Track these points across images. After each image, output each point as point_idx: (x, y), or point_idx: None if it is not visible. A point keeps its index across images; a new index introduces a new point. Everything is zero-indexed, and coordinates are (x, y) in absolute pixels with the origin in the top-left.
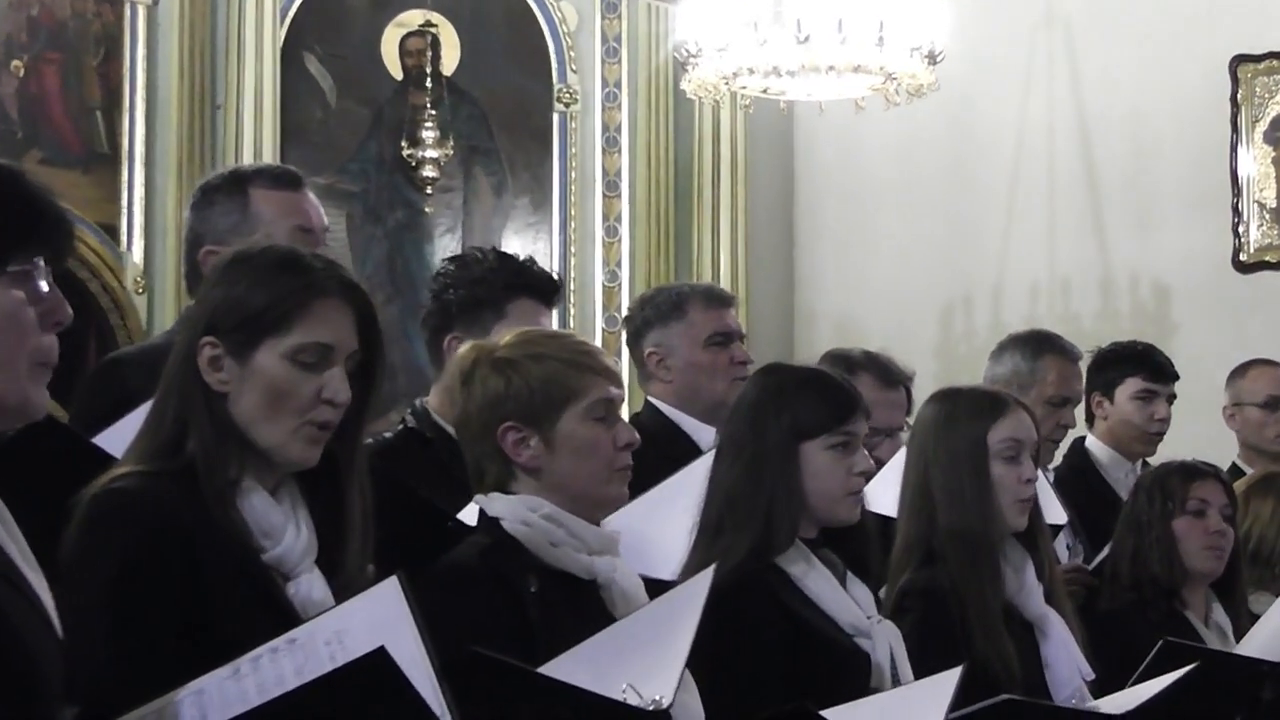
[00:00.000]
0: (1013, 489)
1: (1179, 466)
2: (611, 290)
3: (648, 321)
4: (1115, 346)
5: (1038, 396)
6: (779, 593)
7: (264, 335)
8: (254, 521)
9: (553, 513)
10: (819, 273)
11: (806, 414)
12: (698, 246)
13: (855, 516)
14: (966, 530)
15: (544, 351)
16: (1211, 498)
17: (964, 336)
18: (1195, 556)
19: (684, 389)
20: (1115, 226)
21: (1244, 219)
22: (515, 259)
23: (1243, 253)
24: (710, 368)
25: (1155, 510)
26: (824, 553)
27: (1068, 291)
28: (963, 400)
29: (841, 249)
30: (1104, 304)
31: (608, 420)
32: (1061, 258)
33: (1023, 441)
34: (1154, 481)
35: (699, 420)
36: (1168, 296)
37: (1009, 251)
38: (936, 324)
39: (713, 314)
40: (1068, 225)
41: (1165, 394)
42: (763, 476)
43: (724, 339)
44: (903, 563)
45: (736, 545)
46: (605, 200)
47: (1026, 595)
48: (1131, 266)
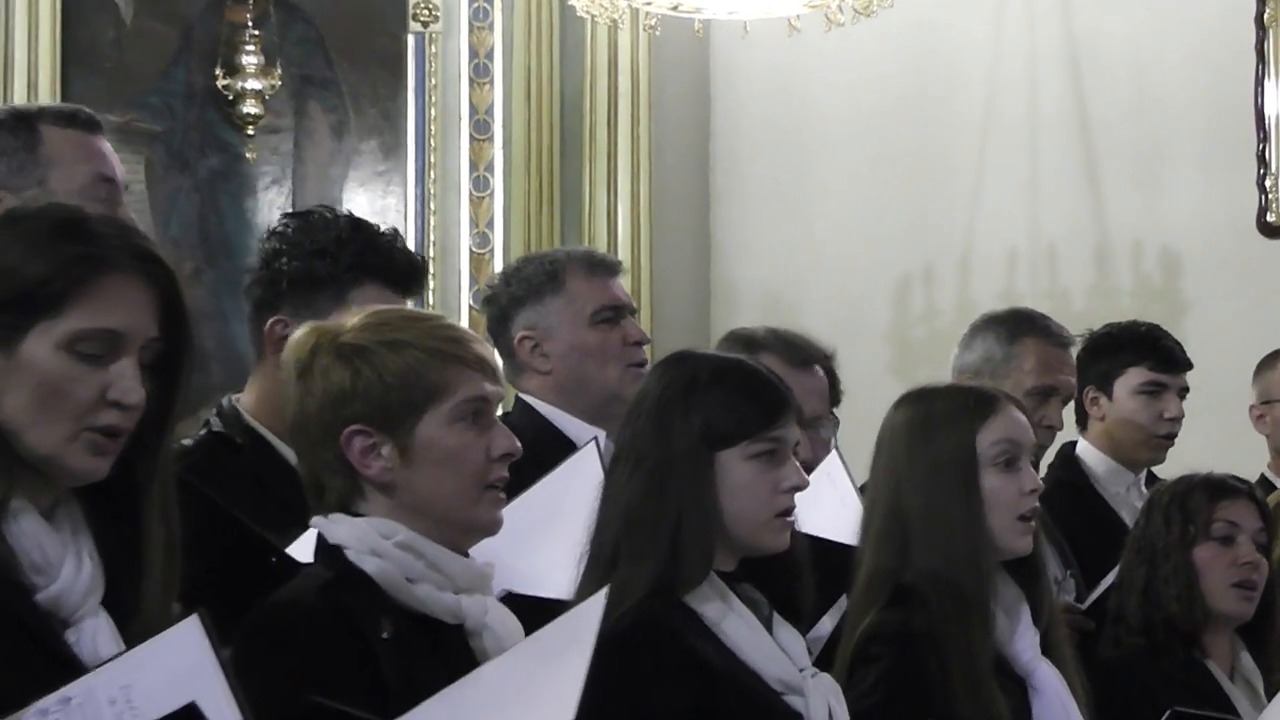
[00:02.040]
0: (1012, 503)
1: (1203, 481)
2: (481, 258)
3: (516, 299)
4: (1113, 329)
5: (1014, 388)
6: (688, 638)
7: (34, 318)
8: (24, 552)
9: (410, 540)
10: (742, 237)
11: (723, 415)
12: (589, 204)
13: (783, 543)
14: (951, 561)
15: (402, 337)
16: (1242, 520)
17: (924, 317)
18: (1220, 595)
19: (566, 380)
20: (1113, 180)
21: (1272, 170)
22: (373, 231)
23: (1270, 212)
24: (599, 351)
25: (1172, 535)
26: (745, 589)
27: (1054, 261)
28: (940, 400)
29: (770, 208)
30: (1099, 277)
31: (480, 424)
32: (1046, 219)
33: (1020, 443)
34: (1171, 499)
35: (585, 421)
36: (1178, 267)
37: (980, 212)
38: (890, 302)
39: (596, 284)
40: (1053, 179)
41: (1176, 387)
42: (668, 493)
43: (613, 314)
44: (866, 602)
45: (634, 579)
46: (473, 144)
47: (1021, 645)
48: (1133, 230)
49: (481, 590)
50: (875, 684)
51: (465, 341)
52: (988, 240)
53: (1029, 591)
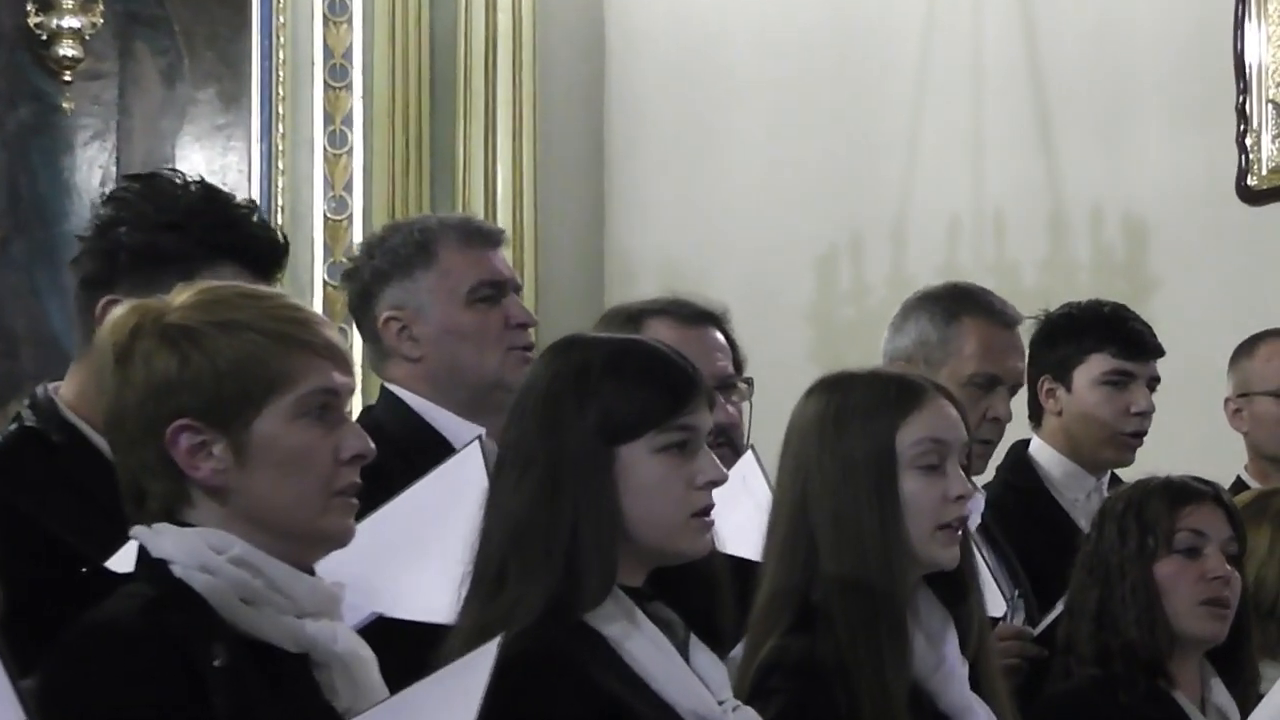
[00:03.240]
0: (933, 511)
1: (1162, 486)
2: (337, 226)
3: (380, 273)
4: (1071, 310)
5: (952, 375)
6: (589, 666)
7: None
8: None
9: (246, 555)
10: (642, 203)
11: (622, 404)
12: (465, 164)
13: (703, 547)
14: (862, 577)
15: (237, 318)
16: (1209, 528)
17: (851, 295)
18: (1187, 615)
19: (438, 368)
20: (1071, 139)
21: (1253, 126)
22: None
23: (1251, 175)
24: (476, 334)
25: (1129, 549)
26: (656, 608)
27: (1002, 231)
28: (858, 390)
29: (675, 170)
30: (1054, 249)
31: (327, 421)
32: (993, 183)
33: (947, 443)
34: (1126, 508)
35: (462, 415)
36: (1145, 237)
37: (916, 174)
38: (812, 277)
39: (474, 257)
40: (1002, 137)
41: (1144, 377)
42: (561, 499)
43: (493, 291)
44: (768, 624)
45: (526, 599)
46: (328, 94)
47: (945, 677)
48: (1094, 195)
49: (330, 614)
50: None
51: (312, 324)
52: (925, 207)
53: (956, 613)
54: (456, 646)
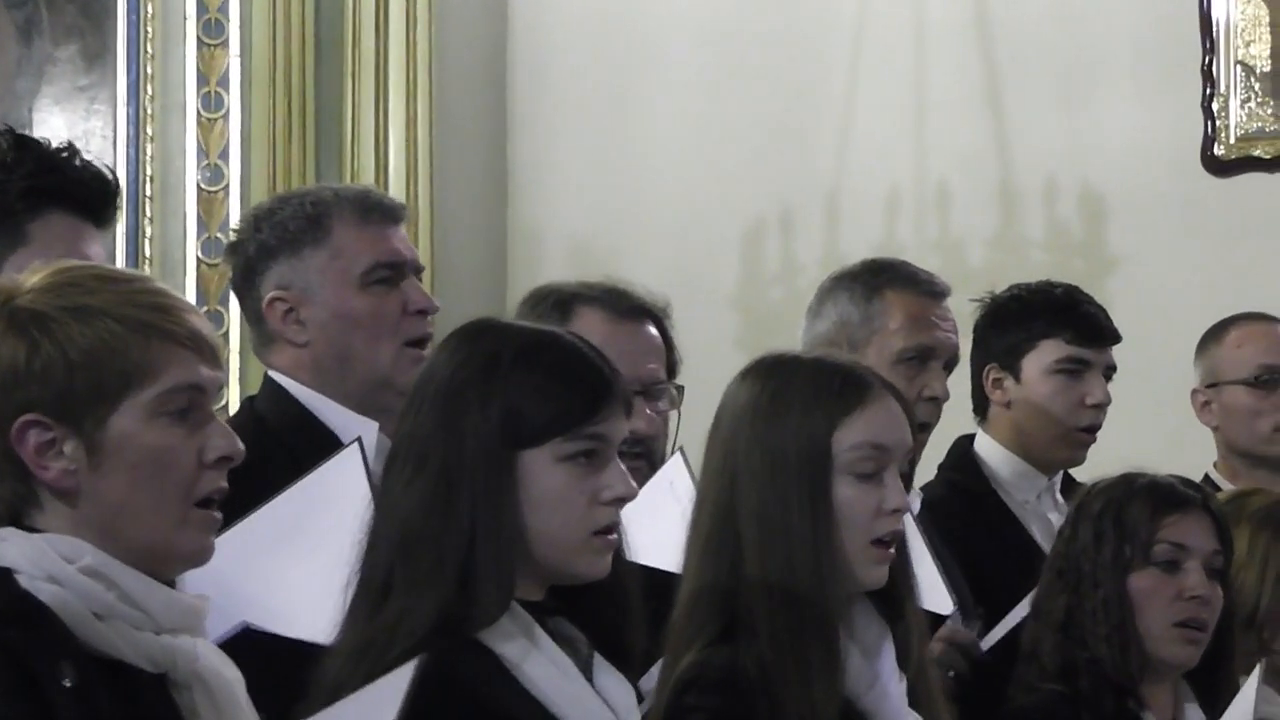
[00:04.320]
0: (866, 524)
1: (1147, 488)
2: (213, 197)
3: (266, 249)
4: (1021, 292)
5: (880, 354)
6: (482, 687)
7: None
8: None
9: (100, 565)
10: (549, 175)
11: (529, 405)
12: (354, 130)
13: (601, 570)
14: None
15: (94, 303)
16: (1192, 540)
17: (781, 276)
18: (1159, 637)
19: (326, 356)
20: (1022, 103)
21: (1220, 91)
22: (44, 148)
23: (1219, 143)
24: (370, 320)
25: (1104, 556)
26: (558, 624)
27: (946, 205)
28: (800, 376)
29: (586, 138)
30: (1004, 225)
31: (191, 419)
32: (937, 153)
33: (888, 449)
34: (1105, 508)
35: (352, 409)
36: (1103, 212)
37: (853, 143)
38: (737, 256)
39: (371, 234)
40: (947, 102)
41: (1100, 365)
42: (457, 505)
43: (390, 273)
44: (688, 634)
45: (414, 613)
46: (203, 51)
47: (881, 695)
48: (1047, 166)
49: (191, 630)
50: None
51: (177, 312)
52: (862, 178)
53: (894, 627)
54: (339, 663)
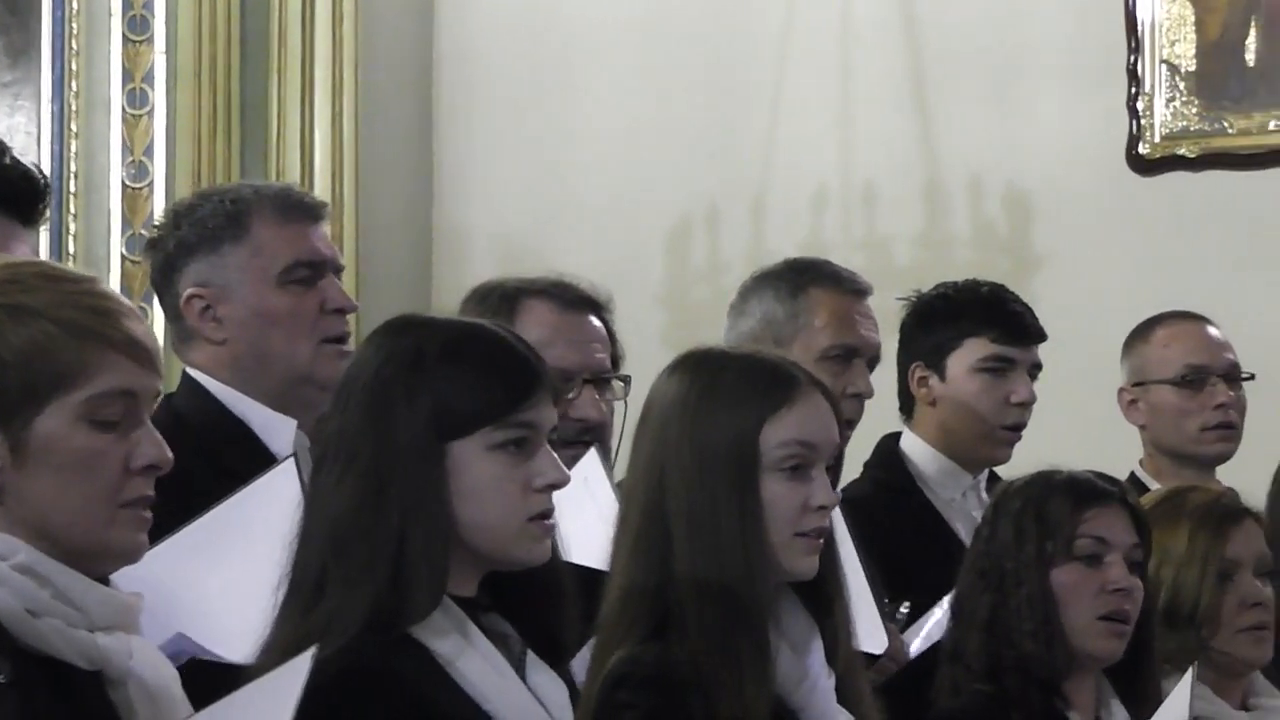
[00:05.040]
0: (792, 519)
1: (1065, 483)
2: (137, 194)
3: (185, 245)
4: (947, 290)
5: (805, 352)
6: (415, 683)
7: None
8: None
9: (33, 563)
10: (474, 173)
11: (457, 395)
12: (279, 127)
13: (541, 555)
14: (720, 581)
15: (30, 303)
16: (1113, 534)
17: (707, 273)
18: (1084, 630)
19: (244, 355)
20: (949, 102)
21: (1145, 90)
22: None
23: (1144, 142)
24: (288, 319)
25: (1026, 553)
26: (491, 620)
27: (872, 203)
28: (730, 372)
29: (511, 136)
30: (930, 223)
31: (122, 425)
32: (863, 152)
33: (816, 447)
34: (1025, 506)
35: (271, 406)
36: (1029, 211)
37: (779, 140)
38: (663, 253)
39: (291, 232)
40: (873, 100)
41: (1026, 364)
42: (387, 500)
43: (310, 272)
44: (617, 630)
45: (346, 610)
46: (127, 47)
47: (810, 690)
48: (974, 164)
49: (125, 627)
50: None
51: (115, 316)
52: (788, 176)
53: (823, 624)
54: (271, 659)
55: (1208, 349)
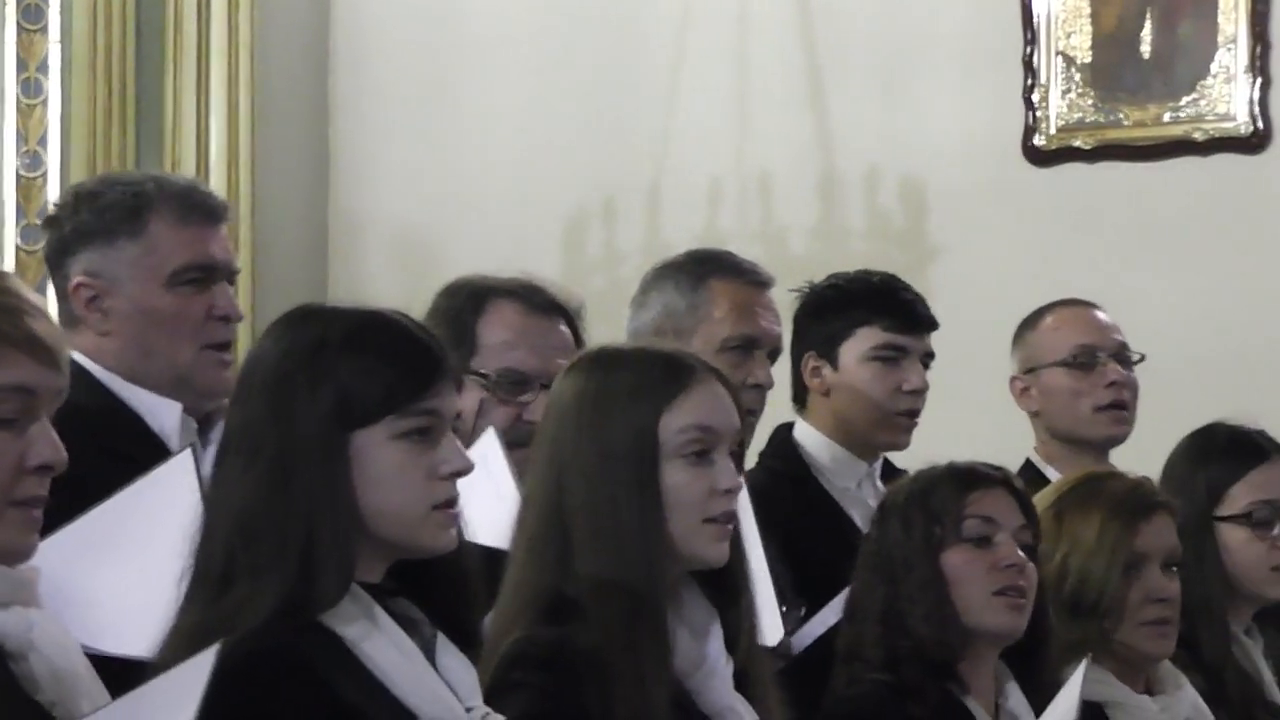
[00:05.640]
0: (699, 505)
1: (947, 472)
2: (31, 184)
3: (82, 232)
4: (839, 281)
5: (706, 343)
6: (324, 670)
7: None
8: None
9: None
10: (371, 162)
11: (360, 384)
12: (175, 117)
13: (447, 543)
14: (620, 577)
15: None
16: (999, 515)
17: (603, 264)
18: (981, 607)
19: (127, 348)
20: (844, 94)
21: (1041, 82)
22: None
23: (1039, 134)
24: (172, 321)
25: (914, 541)
26: (399, 605)
27: (768, 194)
28: (623, 368)
29: (407, 125)
30: (825, 214)
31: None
32: (758, 142)
33: (717, 430)
34: (909, 499)
35: (158, 393)
36: (924, 203)
37: (675, 132)
38: (559, 244)
39: (190, 235)
40: (768, 92)
41: (918, 352)
42: (293, 489)
43: (202, 275)
44: (514, 614)
45: (255, 599)
46: (22, 37)
47: (707, 675)
48: (869, 156)
49: (22, 601)
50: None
51: (18, 314)
52: (684, 167)
53: (724, 613)
54: (174, 650)
55: (1097, 330)
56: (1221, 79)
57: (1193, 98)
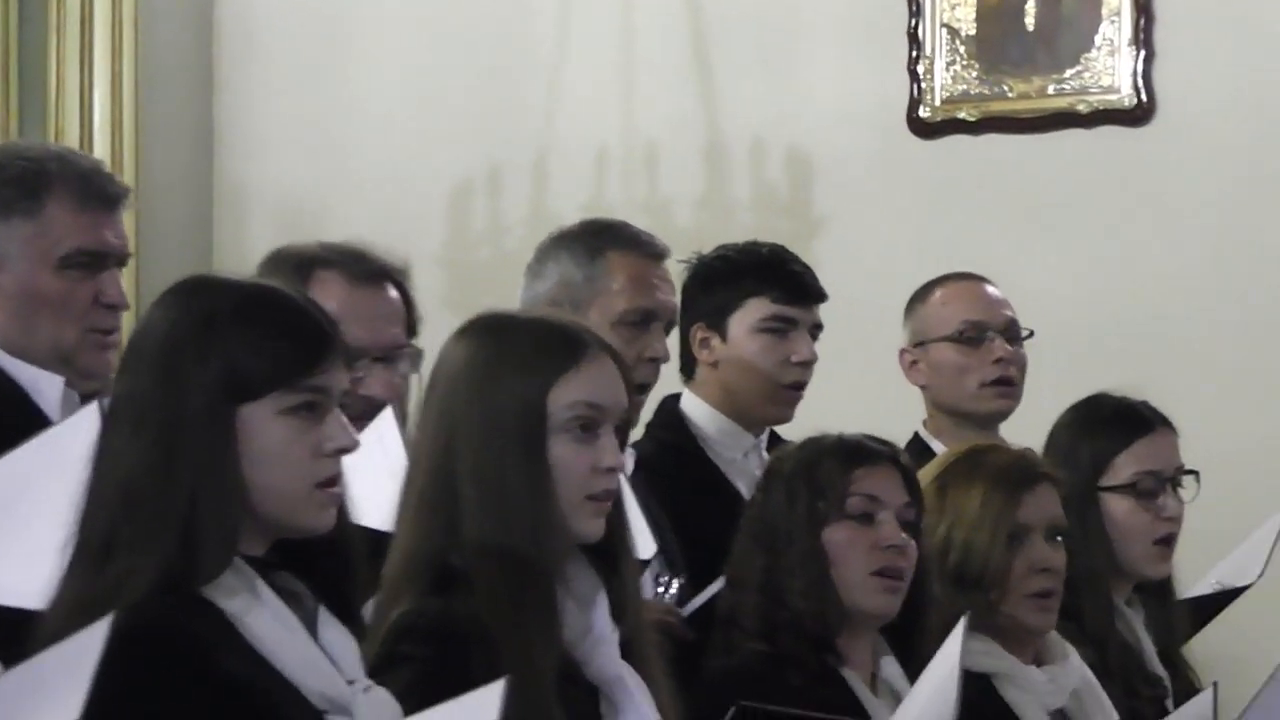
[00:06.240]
0: (582, 481)
1: (834, 445)
2: None
3: None
4: (728, 252)
5: (603, 315)
6: (206, 643)
7: None
8: None
9: None
10: (255, 129)
11: (248, 359)
12: (58, 84)
13: (326, 522)
14: (508, 544)
15: None
16: (884, 493)
17: (488, 235)
18: (858, 587)
19: (11, 326)
20: (730, 65)
21: (926, 53)
22: None
23: (924, 106)
24: (59, 303)
25: (798, 513)
26: (282, 579)
27: (654, 166)
28: (516, 336)
29: (292, 93)
30: (711, 184)
31: None
32: (643, 112)
33: (604, 408)
34: (796, 469)
35: (41, 368)
36: (809, 173)
37: (560, 102)
38: (444, 214)
39: (86, 221)
40: (654, 62)
41: (807, 324)
42: (178, 462)
43: (91, 260)
44: (400, 587)
45: (137, 572)
46: None
47: (594, 645)
48: (753, 127)
49: None
50: (406, 691)
51: None
52: (569, 138)
53: (609, 583)
54: (57, 621)
55: (986, 306)
56: (1105, 51)
57: (1077, 70)
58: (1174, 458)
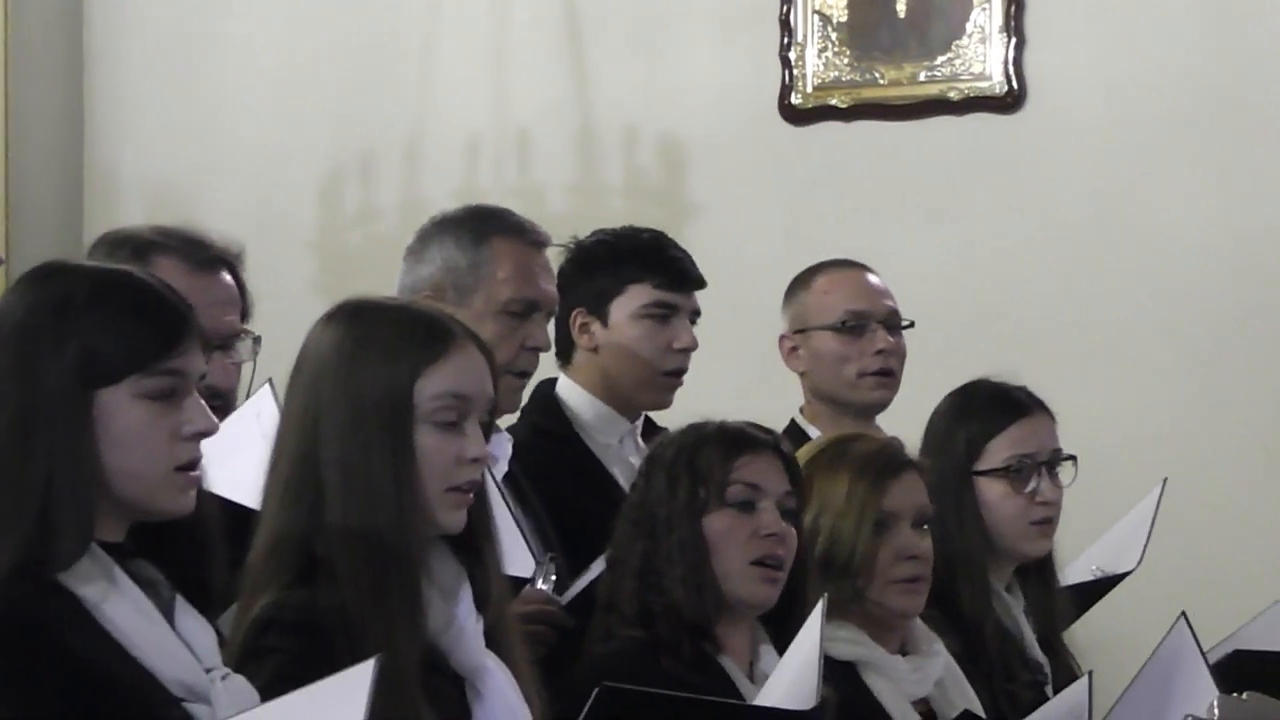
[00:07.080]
0: (445, 472)
1: (716, 432)
2: None
3: None
4: (608, 237)
5: (488, 302)
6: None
7: None
8: None
9: None
10: (127, 113)
11: (105, 343)
12: None
13: (185, 506)
14: (371, 532)
15: None
16: (765, 481)
17: (359, 219)
18: (737, 576)
19: None
20: (600, 49)
21: (798, 40)
22: None
23: (796, 92)
24: None
25: (678, 501)
26: (139, 566)
27: (525, 151)
28: (383, 324)
29: (164, 76)
30: (584, 170)
31: None
32: (515, 98)
33: (469, 399)
34: (677, 455)
35: None
36: (682, 160)
37: (432, 88)
38: (315, 199)
39: None
40: (526, 47)
41: (687, 310)
42: (34, 447)
43: None
44: (264, 576)
45: None
46: None
47: (457, 634)
48: (626, 113)
49: None
50: (270, 684)
51: None
52: (441, 123)
53: (472, 573)
54: None
55: (868, 295)
56: (976, 38)
57: (948, 57)
58: (1049, 441)
